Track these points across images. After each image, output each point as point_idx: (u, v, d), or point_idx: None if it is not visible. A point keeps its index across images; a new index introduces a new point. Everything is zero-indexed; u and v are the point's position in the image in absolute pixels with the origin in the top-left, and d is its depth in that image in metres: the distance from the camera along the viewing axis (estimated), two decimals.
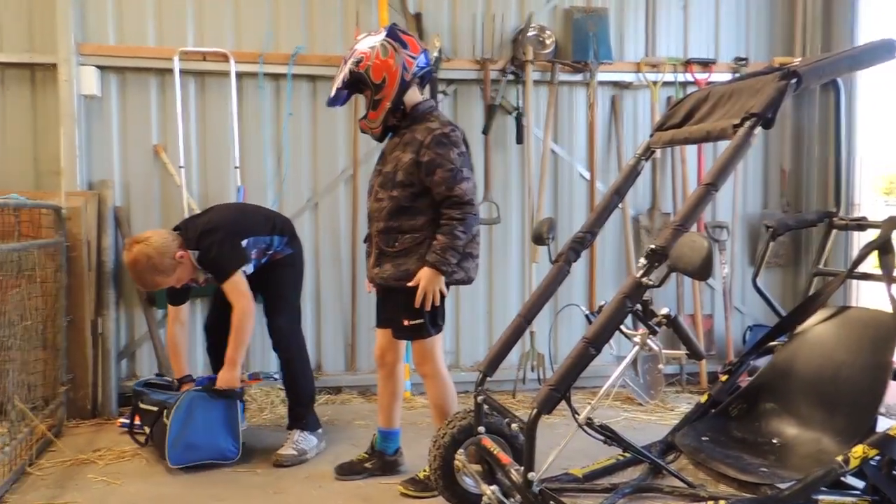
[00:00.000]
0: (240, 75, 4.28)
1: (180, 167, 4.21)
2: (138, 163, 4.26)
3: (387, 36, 2.81)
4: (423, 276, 2.75)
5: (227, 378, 3.24)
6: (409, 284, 2.77)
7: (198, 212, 4.06)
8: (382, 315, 3.03)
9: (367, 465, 3.15)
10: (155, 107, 4.27)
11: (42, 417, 3.47)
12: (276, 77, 4.37)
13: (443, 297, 2.82)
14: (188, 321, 3.55)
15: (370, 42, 2.81)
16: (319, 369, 4.50)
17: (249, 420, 3.90)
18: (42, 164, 4.17)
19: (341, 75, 2.84)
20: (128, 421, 3.50)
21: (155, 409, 3.28)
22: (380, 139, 2.98)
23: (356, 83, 2.84)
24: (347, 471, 3.14)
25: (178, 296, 3.39)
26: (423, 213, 2.80)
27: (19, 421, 3.19)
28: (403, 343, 3.06)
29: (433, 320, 2.86)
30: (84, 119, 4.14)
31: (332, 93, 2.88)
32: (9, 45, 4.09)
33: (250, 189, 4.33)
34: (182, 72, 4.18)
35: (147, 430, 3.36)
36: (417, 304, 2.76)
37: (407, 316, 2.83)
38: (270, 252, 3.45)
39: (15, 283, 3.17)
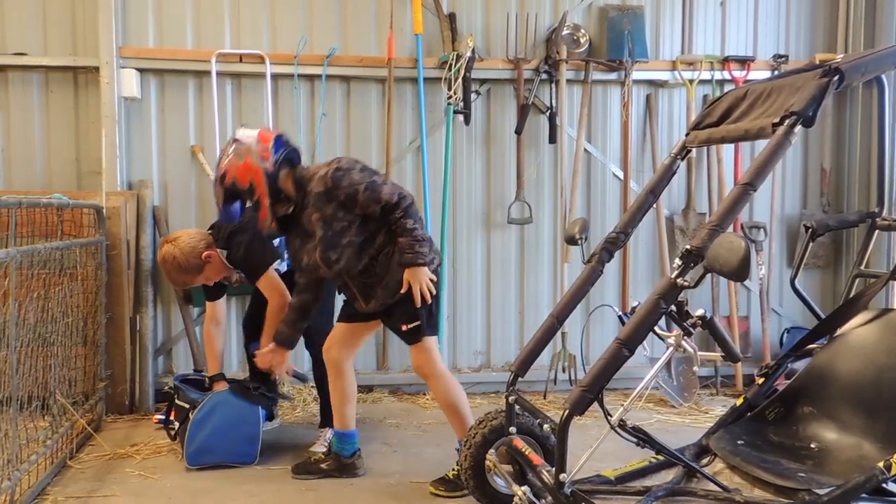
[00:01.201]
0: (275, 76, 4.34)
1: None
2: (176, 163, 4.34)
3: (234, 141, 2.84)
4: (409, 276, 2.80)
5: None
6: (402, 291, 2.82)
7: None
8: (347, 311, 3.09)
9: (323, 465, 3.15)
10: (192, 108, 4.35)
11: (82, 412, 3.55)
12: (310, 78, 4.41)
13: (436, 295, 2.86)
14: (225, 320, 3.60)
15: (227, 154, 2.83)
16: None
17: (282, 418, 3.95)
18: (83, 165, 4.27)
19: (218, 198, 2.87)
20: (164, 417, 3.57)
21: (187, 406, 3.34)
22: (282, 231, 2.98)
23: (234, 195, 2.86)
24: (302, 470, 3.16)
25: (213, 291, 3.45)
26: (377, 232, 2.86)
27: (61, 415, 3.27)
28: (359, 345, 3.15)
29: (429, 321, 2.91)
30: (124, 120, 4.23)
31: (220, 212, 2.91)
32: (53, 49, 4.21)
33: None
34: (219, 73, 4.25)
35: (177, 425, 3.42)
36: (418, 303, 2.80)
37: (404, 321, 2.89)
38: None
39: (58, 281, 3.25)
